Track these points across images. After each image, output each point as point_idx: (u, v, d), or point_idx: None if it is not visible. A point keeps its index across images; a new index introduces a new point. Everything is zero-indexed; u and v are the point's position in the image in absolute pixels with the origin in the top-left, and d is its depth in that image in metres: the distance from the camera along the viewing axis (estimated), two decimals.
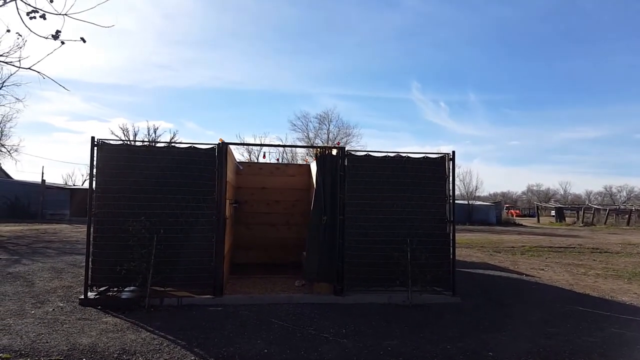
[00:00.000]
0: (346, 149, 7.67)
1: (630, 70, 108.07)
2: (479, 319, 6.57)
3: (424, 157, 7.67)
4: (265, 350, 4.96)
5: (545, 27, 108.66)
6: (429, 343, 5.38)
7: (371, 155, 7.55)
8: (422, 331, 5.85)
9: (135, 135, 50.23)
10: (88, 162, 6.81)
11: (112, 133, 48.33)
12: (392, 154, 7.61)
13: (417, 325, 6.10)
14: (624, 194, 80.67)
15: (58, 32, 4.70)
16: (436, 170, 7.63)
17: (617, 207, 56.60)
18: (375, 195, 7.42)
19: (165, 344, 5.06)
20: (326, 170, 7.43)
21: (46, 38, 4.68)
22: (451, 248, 7.60)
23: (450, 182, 7.65)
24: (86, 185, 53.31)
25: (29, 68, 5.03)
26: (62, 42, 4.68)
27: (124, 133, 49.66)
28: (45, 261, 11.05)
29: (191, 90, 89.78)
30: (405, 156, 7.61)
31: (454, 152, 7.62)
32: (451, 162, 7.63)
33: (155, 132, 50.93)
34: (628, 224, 46.97)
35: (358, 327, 5.92)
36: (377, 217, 7.40)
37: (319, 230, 7.36)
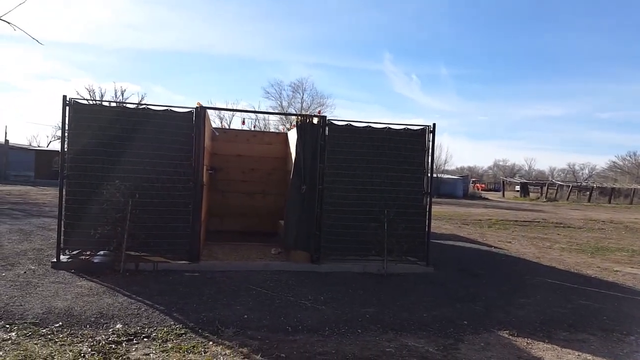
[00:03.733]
0: (327, 118, 7.58)
1: (595, 49, 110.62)
2: (453, 288, 6.76)
3: (404, 128, 7.67)
4: (245, 316, 4.98)
5: (518, 4, 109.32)
6: (405, 311, 5.51)
7: (352, 125, 7.49)
8: (398, 300, 5.98)
9: (102, 97, 48.49)
10: (53, 123, 6.53)
11: (78, 94, 46.36)
12: (373, 125, 7.58)
13: (393, 294, 6.24)
14: (586, 171, 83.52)
15: None
16: (416, 142, 7.66)
17: (579, 184, 58.69)
18: (355, 166, 7.41)
19: (143, 309, 5.01)
20: (306, 139, 7.35)
21: None
22: (427, 220, 7.73)
23: (429, 154, 7.70)
24: (52, 146, 51.54)
25: None
26: None
27: (90, 94, 47.87)
28: (12, 223, 10.71)
29: (159, 52, 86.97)
30: (386, 127, 7.60)
31: (434, 124, 7.65)
32: (431, 134, 7.67)
33: (122, 95, 49.29)
34: (589, 200, 48.89)
35: (335, 295, 6.01)
36: (356, 187, 7.42)
37: (297, 199, 7.33)
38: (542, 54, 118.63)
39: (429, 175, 7.73)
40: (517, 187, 61.54)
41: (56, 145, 50.33)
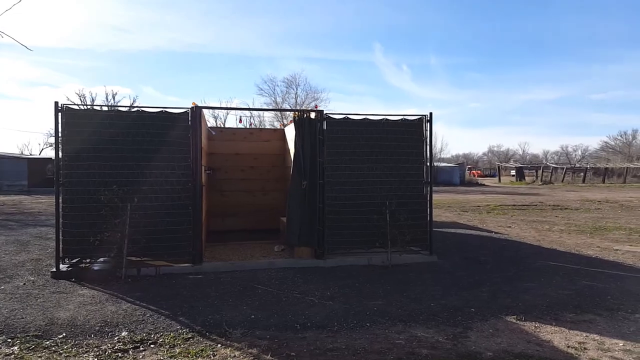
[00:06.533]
0: (324, 112, 7.51)
1: (583, 31, 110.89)
2: (458, 276, 6.74)
3: (402, 119, 7.62)
4: (252, 316, 4.93)
5: None
6: (413, 302, 5.48)
7: (350, 118, 7.43)
8: (405, 291, 5.95)
9: (92, 101, 48.12)
10: (44, 130, 6.43)
11: (68, 99, 45.99)
12: (371, 117, 7.52)
13: (399, 285, 6.20)
14: (579, 152, 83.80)
15: None
16: (414, 132, 7.61)
17: (573, 165, 58.96)
18: (354, 159, 7.36)
19: (148, 315, 4.95)
20: (305, 134, 7.28)
21: None
22: (428, 209, 7.69)
23: (428, 143, 7.66)
24: (44, 154, 51.17)
25: None
26: None
27: (80, 99, 47.48)
28: (8, 234, 10.58)
29: (148, 53, 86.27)
30: (383, 119, 7.54)
31: (431, 113, 7.60)
32: (428, 123, 7.62)
33: (114, 98, 48.98)
34: (584, 181, 49.17)
35: (342, 290, 5.97)
36: (357, 180, 7.37)
37: (299, 195, 7.28)
38: (531, 38, 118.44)
39: (429, 164, 7.68)
40: (513, 172, 61.72)
41: (48, 153, 50.07)
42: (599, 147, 78.02)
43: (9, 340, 4.25)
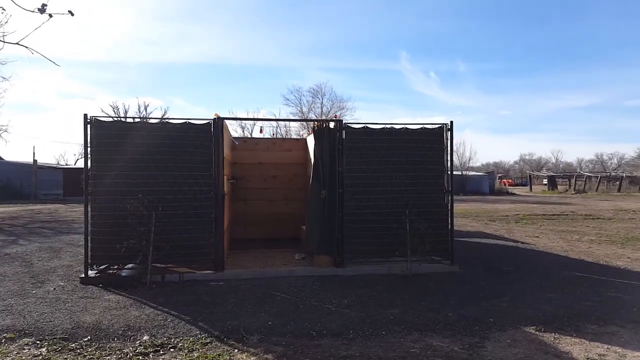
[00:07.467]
0: (343, 121, 7.60)
1: (617, 36, 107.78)
2: (478, 286, 6.66)
3: (421, 127, 7.62)
4: (270, 323, 5.01)
5: None
6: (430, 311, 5.46)
7: (369, 128, 7.49)
8: (423, 300, 5.92)
9: (126, 112, 49.66)
10: (79, 141, 6.73)
11: (102, 111, 47.65)
12: (390, 126, 7.56)
13: (418, 294, 6.18)
14: (615, 161, 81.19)
15: (44, 5, 4.50)
16: (434, 140, 7.60)
17: (609, 174, 57.10)
18: (373, 168, 7.40)
19: (169, 320, 5.09)
20: (324, 143, 7.37)
21: (32, 12, 4.48)
22: (449, 218, 7.64)
23: (448, 152, 7.63)
24: (79, 164, 52.92)
25: (17, 43, 4.82)
26: (50, 15, 4.48)
27: (114, 111, 49.09)
28: (42, 241, 11.02)
29: (178, 66, 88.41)
30: (403, 127, 7.56)
31: (451, 122, 7.58)
32: (449, 132, 7.60)
33: (146, 110, 50.39)
34: (619, 190, 47.51)
35: (360, 298, 5.99)
36: (376, 189, 7.40)
37: (318, 204, 7.35)
38: (562, 43, 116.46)
39: (449, 173, 7.65)
40: (545, 181, 60.25)
41: (83, 163, 51.72)
42: (636, 155, 75.28)
43: (38, 342, 4.46)
